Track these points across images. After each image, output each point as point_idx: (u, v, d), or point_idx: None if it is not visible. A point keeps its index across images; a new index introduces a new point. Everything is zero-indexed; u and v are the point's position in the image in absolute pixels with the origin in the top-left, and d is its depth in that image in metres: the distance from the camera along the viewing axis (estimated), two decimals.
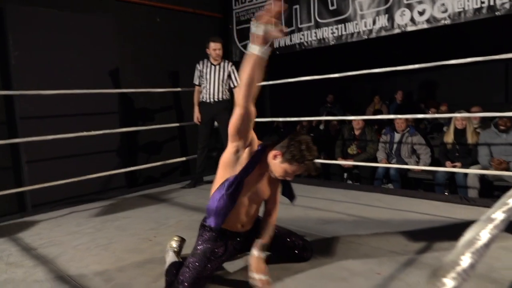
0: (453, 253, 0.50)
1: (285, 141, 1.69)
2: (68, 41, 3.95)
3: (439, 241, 2.23)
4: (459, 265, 0.48)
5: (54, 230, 2.88)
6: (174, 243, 2.09)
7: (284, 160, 1.67)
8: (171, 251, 2.03)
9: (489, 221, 0.62)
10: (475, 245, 0.53)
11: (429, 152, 4.26)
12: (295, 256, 2.01)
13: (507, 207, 0.68)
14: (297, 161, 1.65)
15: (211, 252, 1.80)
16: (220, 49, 3.99)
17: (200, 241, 1.84)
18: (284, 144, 1.69)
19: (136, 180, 4.70)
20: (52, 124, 3.81)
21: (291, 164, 1.67)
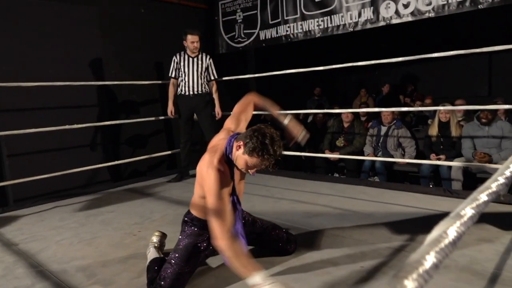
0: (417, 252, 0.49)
1: (250, 131, 1.62)
2: (49, 31, 3.85)
3: (422, 233, 2.25)
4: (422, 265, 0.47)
5: (36, 225, 2.83)
6: (155, 238, 2.07)
7: (245, 151, 1.60)
8: (152, 247, 2.00)
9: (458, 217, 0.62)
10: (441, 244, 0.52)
11: (414, 145, 4.30)
12: (279, 249, 2.02)
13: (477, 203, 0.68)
14: (258, 153, 1.56)
15: (193, 247, 1.78)
16: (198, 42, 3.93)
17: (182, 236, 1.83)
18: (247, 133, 1.61)
19: (122, 174, 4.64)
20: (34, 117, 3.72)
21: (251, 156, 1.59)
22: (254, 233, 1.95)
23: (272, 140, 1.58)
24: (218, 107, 4.21)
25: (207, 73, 4.11)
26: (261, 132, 1.58)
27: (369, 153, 4.52)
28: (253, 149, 1.57)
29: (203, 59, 4.05)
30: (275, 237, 2.00)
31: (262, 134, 1.58)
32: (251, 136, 1.58)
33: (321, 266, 1.90)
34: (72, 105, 4.03)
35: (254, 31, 5.04)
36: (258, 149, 1.56)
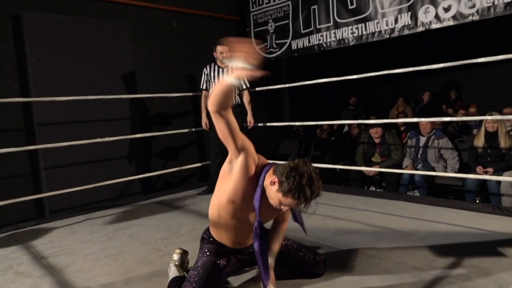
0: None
1: (287, 167, 1.48)
2: (84, 47, 3.96)
3: (469, 256, 2.03)
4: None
5: (67, 238, 2.85)
6: (176, 256, 1.98)
7: (280, 189, 1.47)
8: (173, 265, 1.92)
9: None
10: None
11: (456, 156, 4.02)
12: (307, 272, 1.87)
13: None
14: (293, 195, 1.44)
15: (212, 265, 1.69)
16: (227, 52, 3.90)
17: (201, 254, 1.74)
18: (284, 171, 1.47)
19: (153, 186, 4.66)
20: (69, 130, 3.82)
21: (286, 197, 1.46)
22: (279, 253, 1.83)
23: (310, 181, 1.45)
24: (251, 115, 4.15)
25: (239, 83, 4.05)
26: (299, 172, 1.45)
27: (408, 165, 4.26)
28: (288, 190, 1.45)
29: None
30: (301, 259, 1.86)
31: (300, 174, 1.44)
32: (288, 176, 1.45)
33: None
34: (105, 118, 4.10)
35: (286, 41, 4.96)
36: (294, 191, 1.44)
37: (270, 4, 5.05)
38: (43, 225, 3.27)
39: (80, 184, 3.54)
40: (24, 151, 3.66)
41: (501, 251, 2.09)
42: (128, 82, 4.32)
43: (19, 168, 3.73)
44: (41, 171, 3.77)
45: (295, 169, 1.46)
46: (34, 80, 3.66)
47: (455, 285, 1.73)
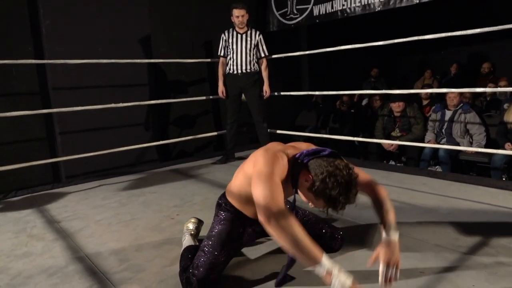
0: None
1: (324, 167, 1.33)
2: (99, 9, 3.84)
3: (496, 236, 1.91)
4: None
5: (80, 203, 2.84)
6: (191, 225, 1.94)
7: (312, 190, 1.36)
8: (188, 234, 1.87)
9: None
10: None
11: (483, 131, 3.81)
12: (322, 246, 1.78)
13: None
14: (325, 200, 1.34)
15: (227, 234, 1.61)
16: (243, 16, 3.71)
17: (216, 222, 1.66)
18: (320, 172, 1.33)
19: (169, 154, 4.63)
20: (84, 95, 3.77)
21: (318, 199, 1.36)
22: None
23: (348, 189, 1.31)
24: (267, 85, 3.99)
25: (257, 50, 3.89)
26: (336, 178, 1.31)
27: (430, 139, 4.08)
28: (320, 193, 1.34)
29: (252, 35, 3.83)
30: (318, 232, 1.77)
31: (337, 180, 1.30)
32: (324, 179, 1.32)
33: (372, 269, 1.65)
34: (121, 83, 4.02)
35: (307, 6, 4.71)
36: (327, 197, 1.33)
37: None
38: (58, 189, 3.28)
39: (95, 149, 3.52)
40: (40, 115, 3.65)
41: None
42: (144, 48, 4.21)
43: (35, 132, 3.72)
44: (56, 136, 3.76)
45: (332, 174, 1.31)
46: (48, 43, 3.59)
47: (481, 265, 1.63)
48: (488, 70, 5.98)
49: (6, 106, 3.43)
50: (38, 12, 3.55)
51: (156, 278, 1.66)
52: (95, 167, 3.82)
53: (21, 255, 1.97)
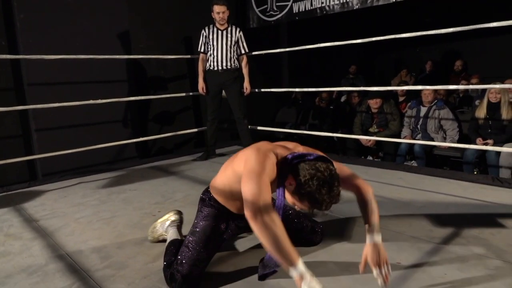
0: None
1: (306, 170, 1.35)
2: (76, 2, 3.75)
3: (468, 227, 2.00)
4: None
5: (59, 201, 2.80)
6: (173, 217, 1.93)
7: (296, 193, 1.39)
8: (173, 227, 1.87)
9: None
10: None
11: (456, 127, 3.95)
12: (303, 240, 1.84)
13: None
14: (309, 202, 1.37)
15: (211, 230, 1.62)
16: (224, 12, 3.71)
17: (200, 218, 1.67)
18: (303, 175, 1.35)
19: (149, 151, 4.59)
20: (62, 91, 3.69)
21: (302, 202, 1.39)
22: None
23: (330, 189, 1.34)
24: (247, 82, 4.01)
25: (237, 46, 3.91)
26: (320, 179, 1.33)
27: (406, 135, 4.20)
28: (304, 196, 1.37)
29: (232, 32, 3.84)
30: (298, 226, 1.82)
31: (319, 182, 1.33)
32: (306, 182, 1.34)
33: (352, 260, 1.71)
34: (99, 79, 3.96)
35: (287, 3, 4.74)
36: (311, 199, 1.36)
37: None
38: (35, 187, 3.21)
39: (73, 147, 3.45)
40: (15, 112, 3.55)
41: (500, 222, 2.06)
42: (123, 43, 4.15)
43: (10, 129, 3.62)
44: (32, 133, 3.67)
45: (315, 177, 1.34)
46: (23, 37, 3.49)
47: (453, 255, 1.70)
48: (461, 67, 6.18)
49: None
50: (12, 5, 3.45)
51: (139, 274, 1.66)
52: (73, 164, 3.75)
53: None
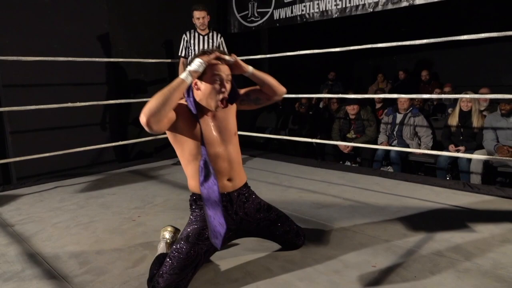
0: None
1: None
2: (54, 3, 3.70)
3: (440, 230, 2.09)
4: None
5: (35, 206, 2.74)
6: (167, 234, 1.88)
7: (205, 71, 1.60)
8: (163, 242, 1.84)
9: None
10: None
11: (430, 134, 4.09)
12: (288, 241, 1.86)
13: None
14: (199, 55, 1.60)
15: (195, 235, 1.59)
16: (204, 17, 3.74)
17: (186, 225, 1.67)
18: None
19: (128, 154, 4.55)
20: (38, 93, 3.63)
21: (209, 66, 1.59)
22: (267, 220, 1.79)
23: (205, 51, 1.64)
24: None
25: None
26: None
27: (383, 141, 4.32)
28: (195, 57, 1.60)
29: (214, 38, 3.87)
30: (286, 228, 1.84)
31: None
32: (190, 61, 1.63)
33: (329, 264, 1.75)
34: (78, 82, 3.91)
35: (268, 10, 4.81)
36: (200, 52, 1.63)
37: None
38: (9, 191, 3.13)
39: (50, 150, 3.39)
40: None
41: (470, 226, 2.16)
42: (102, 45, 4.11)
43: None
44: (7, 136, 3.58)
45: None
46: None
47: (426, 258, 1.78)
48: (428, 76, 6.41)
49: None
50: None
51: (118, 280, 1.66)
52: (49, 168, 3.68)
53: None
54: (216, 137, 1.67)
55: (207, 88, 1.60)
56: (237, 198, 1.73)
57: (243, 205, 1.75)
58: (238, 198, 1.74)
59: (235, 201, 1.72)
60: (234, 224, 1.72)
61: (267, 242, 1.91)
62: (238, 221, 1.73)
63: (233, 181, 1.72)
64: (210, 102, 1.62)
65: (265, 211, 1.81)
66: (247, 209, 1.76)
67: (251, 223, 1.77)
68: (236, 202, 1.73)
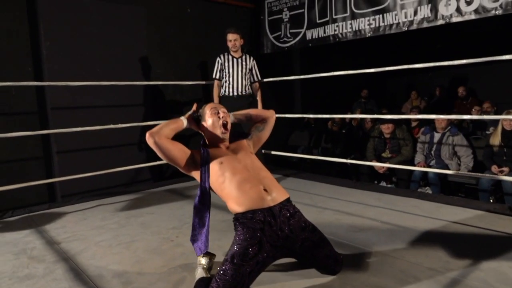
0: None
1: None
2: (98, 30, 3.93)
3: (485, 258, 2.00)
4: None
5: (79, 224, 2.86)
6: (203, 260, 1.91)
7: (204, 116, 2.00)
8: (200, 268, 1.87)
9: None
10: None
11: (471, 154, 3.95)
12: (327, 267, 1.83)
13: None
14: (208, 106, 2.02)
15: (240, 256, 1.60)
16: (236, 40, 3.87)
17: (231, 245, 1.69)
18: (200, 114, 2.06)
19: (163, 173, 4.67)
20: (82, 115, 3.82)
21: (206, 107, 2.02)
22: (311, 241, 1.77)
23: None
24: (260, 108, 4.11)
25: (251, 74, 4.04)
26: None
27: (420, 161, 4.21)
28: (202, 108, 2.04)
29: (247, 60, 3.98)
30: (327, 252, 1.82)
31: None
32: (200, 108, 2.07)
33: None
34: (118, 103, 4.09)
35: (300, 30, 4.87)
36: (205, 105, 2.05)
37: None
38: (55, 209, 3.29)
39: (91, 169, 3.54)
40: (37, 135, 3.67)
41: None
42: (141, 68, 4.30)
43: (32, 151, 3.74)
44: (53, 155, 3.78)
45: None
46: (48, 63, 3.66)
47: None
48: (465, 93, 6.20)
49: (4, 125, 3.46)
50: (39, 33, 3.62)
51: None
52: (91, 186, 3.84)
53: (23, 277, 1.99)
54: (232, 155, 1.92)
55: (209, 120, 1.98)
56: (279, 213, 1.74)
57: (288, 221, 1.74)
58: (281, 213, 1.75)
59: (277, 215, 1.73)
60: (279, 241, 1.71)
61: (304, 267, 1.90)
62: (283, 238, 1.72)
63: (271, 193, 1.78)
64: (216, 130, 1.97)
65: (310, 231, 1.79)
66: (293, 226, 1.75)
67: (296, 242, 1.75)
68: (279, 217, 1.73)
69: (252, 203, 1.73)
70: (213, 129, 1.97)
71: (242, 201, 1.74)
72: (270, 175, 1.91)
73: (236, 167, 1.83)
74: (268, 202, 1.74)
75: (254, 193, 1.75)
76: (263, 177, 1.84)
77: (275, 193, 1.80)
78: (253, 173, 1.84)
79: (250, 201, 1.73)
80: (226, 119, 1.99)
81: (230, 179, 1.80)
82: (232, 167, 1.83)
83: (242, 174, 1.81)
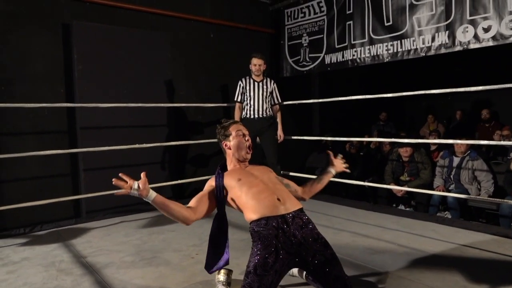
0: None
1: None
2: (126, 55, 4.15)
3: (503, 285, 2.00)
4: None
5: (104, 239, 2.98)
6: (222, 277, 1.99)
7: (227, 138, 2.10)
8: (220, 285, 1.95)
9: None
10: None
11: (491, 179, 3.92)
12: None
13: None
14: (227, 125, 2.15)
15: (262, 266, 1.66)
16: (260, 65, 4.02)
17: (250, 256, 1.74)
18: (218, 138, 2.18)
19: (184, 192, 4.78)
20: (108, 135, 4.00)
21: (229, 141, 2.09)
22: (323, 256, 1.77)
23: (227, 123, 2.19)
24: (281, 130, 4.22)
25: (271, 97, 4.17)
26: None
27: (439, 185, 4.20)
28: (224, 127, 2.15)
29: (268, 84, 4.11)
30: (338, 273, 1.80)
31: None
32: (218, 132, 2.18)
33: None
34: (143, 124, 4.26)
35: (319, 55, 5.00)
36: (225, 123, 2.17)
37: (305, 19, 5.13)
38: (80, 224, 3.43)
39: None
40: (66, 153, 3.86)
41: None
42: (165, 90, 4.49)
43: (61, 168, 3.92)
44: (80, 173, 3.96)
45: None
46: (79, 86, 3.87)
47: None
48: (489, 115, 6.13)
49: (36, 143, 3.66)
50: (73, 57, 3.86)
51: None
52: (113, 203, 3.97)
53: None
54: (249, 173, 2.03)
55: (235, 142, 2.08)
56: (292, 220, 1.80)
57: (301, 229, 1.79)
58: (294, 220, 1.80)
59: (290, 223, 1.79)
60: (292, 247, 1.75)
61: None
62: (297, 244, 1.75)
63: (284, 204, 1.85)
64: (241, 152, 2.08)
65: (322, 244, 1.80)
66: (305, 234, 1.78)
67: (309, 252, 1.76)
68: (292, 224, 1.79)
69: (266, 210, 1.81)
70: (238, 149, 2.06)
71: (256, 208, 1.83)
72: (285, 189, 2.01)
73: (252, 182, 1.94)
74: (281, 210, 1.82)
75: (268, 202, 1.84)
76: (278, 189, 1.95)
77: (289, 203, 1.88)
78: (269, 186, 1.94)
79: (264, 209, 1.81)
80: (250, 141, 2.12)
81: (247, 192, 1.90)
82: (249, 182, 1.94)
83: (258, 187, 1.91)
